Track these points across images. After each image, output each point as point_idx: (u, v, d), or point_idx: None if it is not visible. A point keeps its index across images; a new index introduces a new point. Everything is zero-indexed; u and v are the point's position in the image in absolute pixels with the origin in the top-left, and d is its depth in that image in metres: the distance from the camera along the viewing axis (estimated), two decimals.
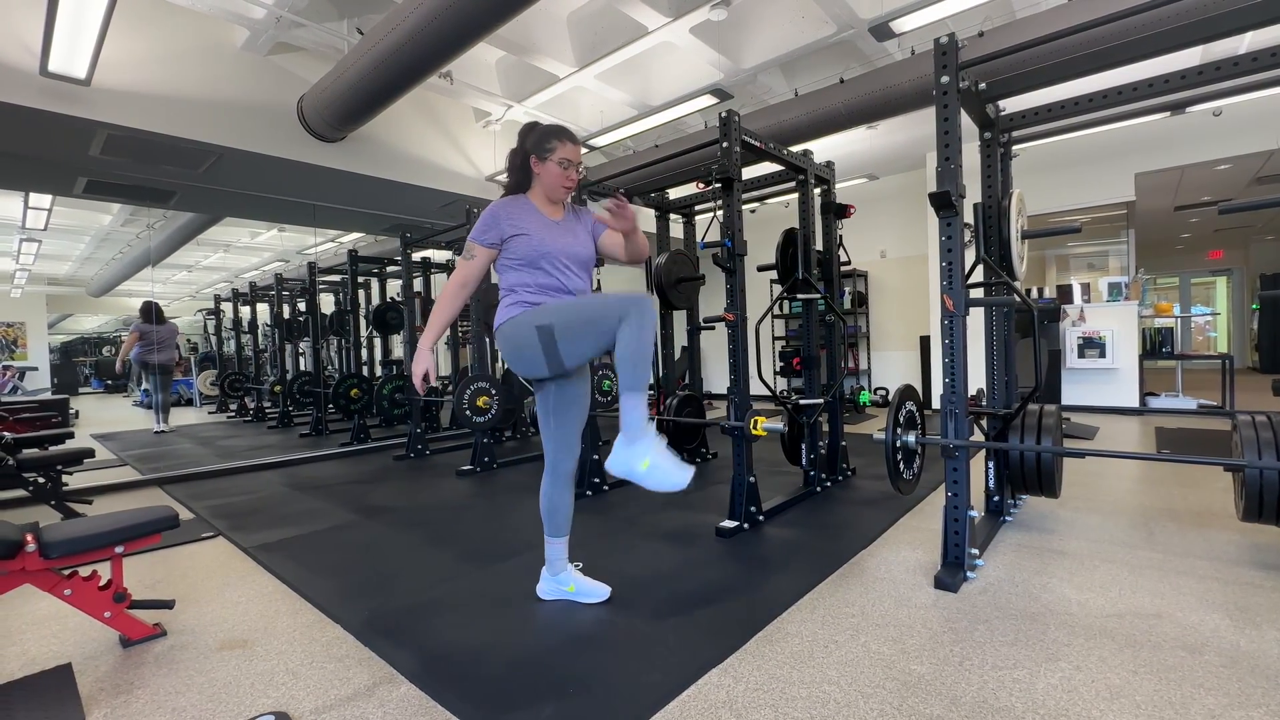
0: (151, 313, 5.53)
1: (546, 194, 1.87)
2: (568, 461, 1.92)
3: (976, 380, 3.07)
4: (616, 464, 1.64)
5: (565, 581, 1.97)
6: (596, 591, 1.97)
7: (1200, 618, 1.72)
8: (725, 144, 2.66)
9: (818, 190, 3.42)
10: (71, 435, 3.53)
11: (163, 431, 5.80)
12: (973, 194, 2.74)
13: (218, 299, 7.68)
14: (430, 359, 1.78)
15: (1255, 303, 10.29)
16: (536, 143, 1.85)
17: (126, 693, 1.53)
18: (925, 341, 6.70)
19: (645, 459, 1.59)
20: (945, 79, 2.06)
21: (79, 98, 3.47)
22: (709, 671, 1.53)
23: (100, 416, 6.51)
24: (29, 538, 1.64)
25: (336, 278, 6.76)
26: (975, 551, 2.13)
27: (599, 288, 1.96)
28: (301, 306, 6.88)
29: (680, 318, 4.32)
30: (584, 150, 5.94)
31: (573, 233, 1.89)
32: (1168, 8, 2.67)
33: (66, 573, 1.73)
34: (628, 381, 1.64)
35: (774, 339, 7.90)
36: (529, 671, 1.56)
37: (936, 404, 6.06)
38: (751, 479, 2.70)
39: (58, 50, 3.07)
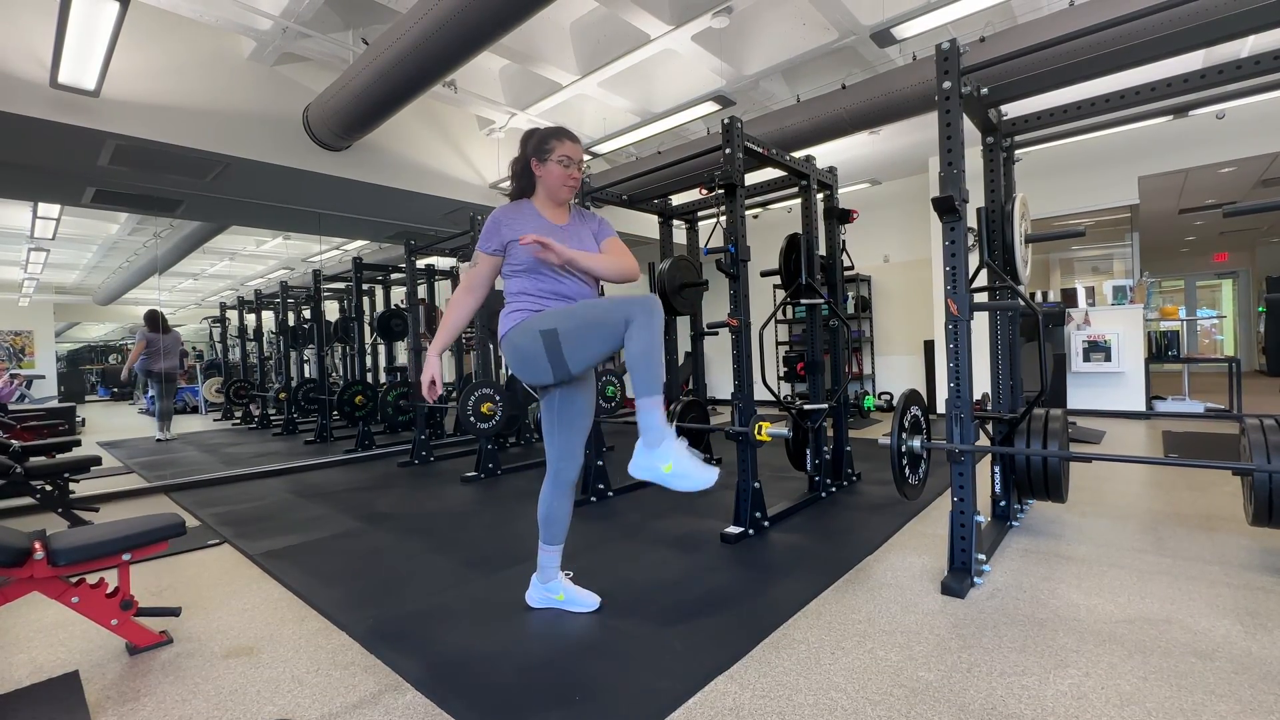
0: (157, 322, 5.57)
1: (550, 196, 1.87)
2: (570, 469, 1.89)
3: (981, 384, 3.05)
4: (639, 468, 1.62)
5: (555, 590, 1.96)
6: (585, 601, 1.95)
7: (1210, 623, 1.71)
8: (728, 150, 2.67)
9: (820, 195, 3.43)
10: (78, 443, 3.54)
11: (164, 439, 5.82)
12: (976, 198, 2.75)
13: (223, 306, 7.73)
14: (438, 365, 1.82)
15: (1261, 305, 10.25)
16: (536, 146, 1.85)
17: (133, 700, 1.53)
18: (929, 346, 6.69)
19: (668, 462, 1.58)
20: (947, 84, 2.07)
21: (88, 109, 3.51)
22: (715, 678, 1.53)
23: (106, 424, 6.55)
24: (37, 545, 1.65)
25: (341, 285, 6.80)
26: (982, 557, 2.12)
27: (603, 293, 1.95)
28: (306, 314, 6.92)
29: (684, 323, 4.32)
30: (587, 158, 5.98)
31: (577, 237, 1.87)
32: (1169, 12, 2.68)
33: (74, 580, 1.74)
34: (642, 385, 1.62)
35: (778, 344, 7.91)
36: (535, 678, 1.56)
37: (941, 408, 6.05)
38: (756, 484, 2.69)
39: (68, 62, 3.11)
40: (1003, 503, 2.62)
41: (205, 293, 7.95)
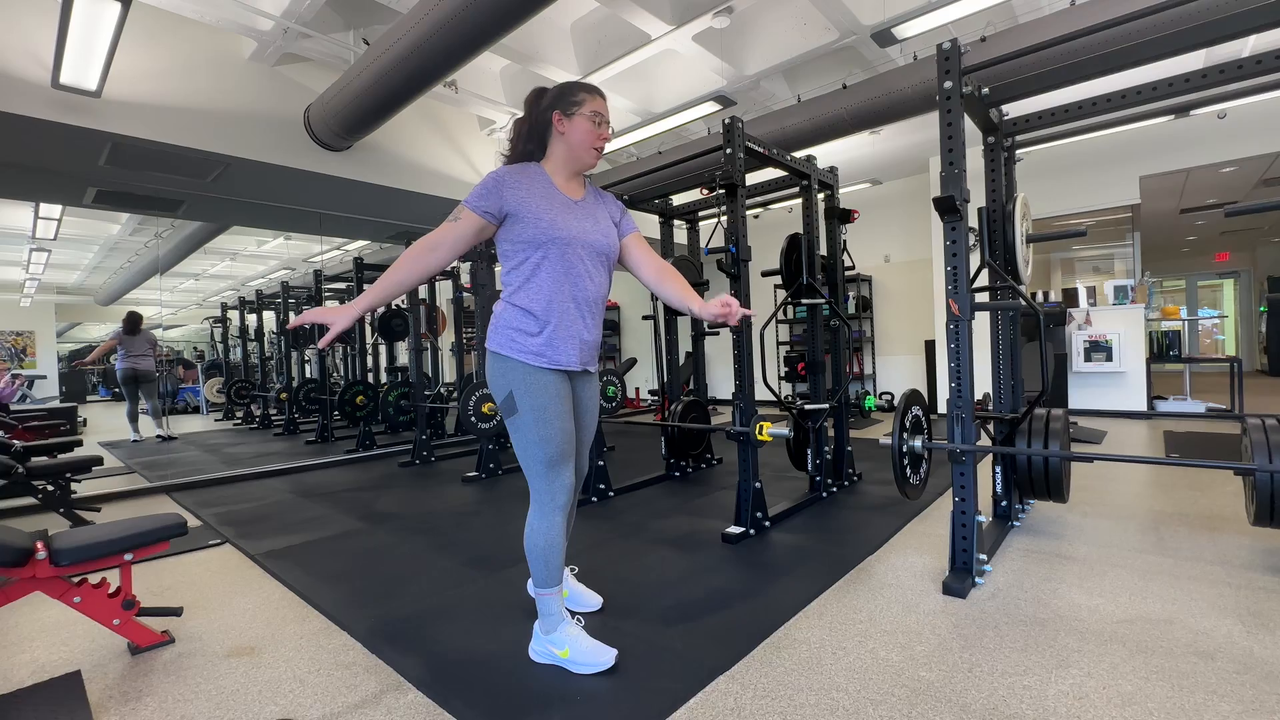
0: (132, 324, 5.62)
1: (572, 160, 1.57)
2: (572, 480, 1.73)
3: (983, 384, 3.06)
4: (537, 654, 1.65)
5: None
6: (588, 601, 1.94)
7: (1212, 623, 1.71)
8: (729, 150, 2.67)
9: (821, 195, 3.43)
10: (80, 443, 3.55)
11: (166, 437, 5.85)
12: (976, 198, 2.75)
13: (224, 307, 7.73)
14: (349, 320, 1.43)
15: (1263, 305, 10.24)
16: (558, 99, 1.55)
17: (135, 700, 1.53)
18: (930, 346, 6.69)
19: (564, 648, 1.58)
20: (948, 84, 2.07)
21: (89, 109, 3.51)
22: (717, 678, 1.53)
23: (108, 424, 6.54)
24: (39, 545, 1.65)
25: (342, 285, 6.80)
26: (983, 557, 2.12)
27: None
28: None
29: (685, 323, 4.32)
30: None
31: (593, 217, 1.59)
32: (1169, 12, 2.67)
33: (76, 580, 1.74)
34: (536, 577, 1.61)
35: (779, 344, 7.91)
36: (537, 678, 1.56)
37: (942, 408, 6.04)
38: (757, 484, 2.69)
39: (69, 63, 3.11)
40: (1004, 503, 2.62)
41: (206, 293, 7.95)
